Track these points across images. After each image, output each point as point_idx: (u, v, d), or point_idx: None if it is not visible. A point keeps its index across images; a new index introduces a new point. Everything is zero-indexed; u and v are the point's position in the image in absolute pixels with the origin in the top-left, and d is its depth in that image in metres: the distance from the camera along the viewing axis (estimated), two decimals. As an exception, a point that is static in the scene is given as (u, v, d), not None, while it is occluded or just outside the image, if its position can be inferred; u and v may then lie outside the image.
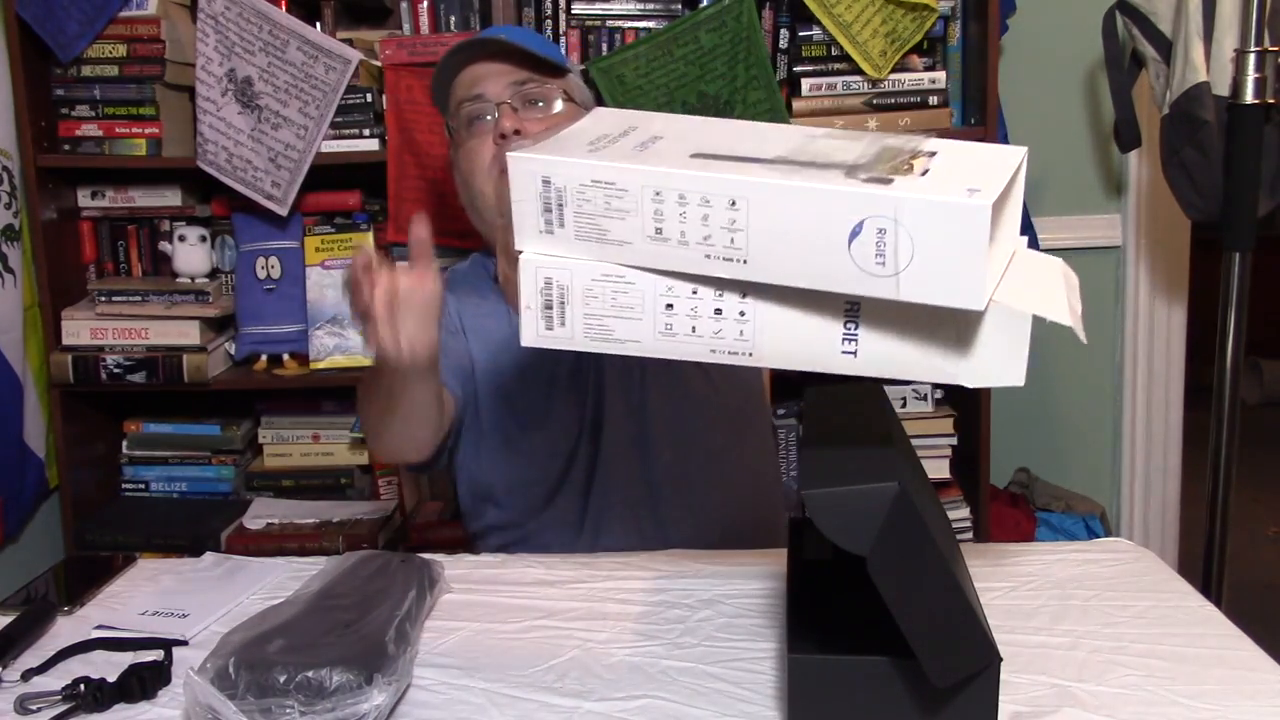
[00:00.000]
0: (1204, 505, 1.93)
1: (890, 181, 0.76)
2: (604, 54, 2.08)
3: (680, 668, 1.02)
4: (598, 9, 2.10)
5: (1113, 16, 2.03)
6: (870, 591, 0.80)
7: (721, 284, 0.83)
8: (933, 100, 2.07)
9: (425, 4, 2.10)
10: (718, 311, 0.84)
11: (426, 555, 1.22)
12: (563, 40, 2.10)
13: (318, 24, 2.13)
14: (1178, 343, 2.45)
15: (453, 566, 1.25)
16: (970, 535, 2.17)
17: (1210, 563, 1.92)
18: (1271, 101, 1.79)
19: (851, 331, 0.83)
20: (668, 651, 1.05)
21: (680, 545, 1.35)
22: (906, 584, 0.79)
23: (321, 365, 2.13)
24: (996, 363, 0.82)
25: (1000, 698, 0.84)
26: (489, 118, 1.40)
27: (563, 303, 0.86)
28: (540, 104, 1.40)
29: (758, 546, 1.32)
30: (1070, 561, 1.22)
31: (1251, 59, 1.78)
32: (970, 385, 0.83)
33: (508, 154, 0.85)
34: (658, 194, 0.80)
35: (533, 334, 0.88)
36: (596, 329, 0.86)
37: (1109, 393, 2.48)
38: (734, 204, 0.78)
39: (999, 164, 0.82)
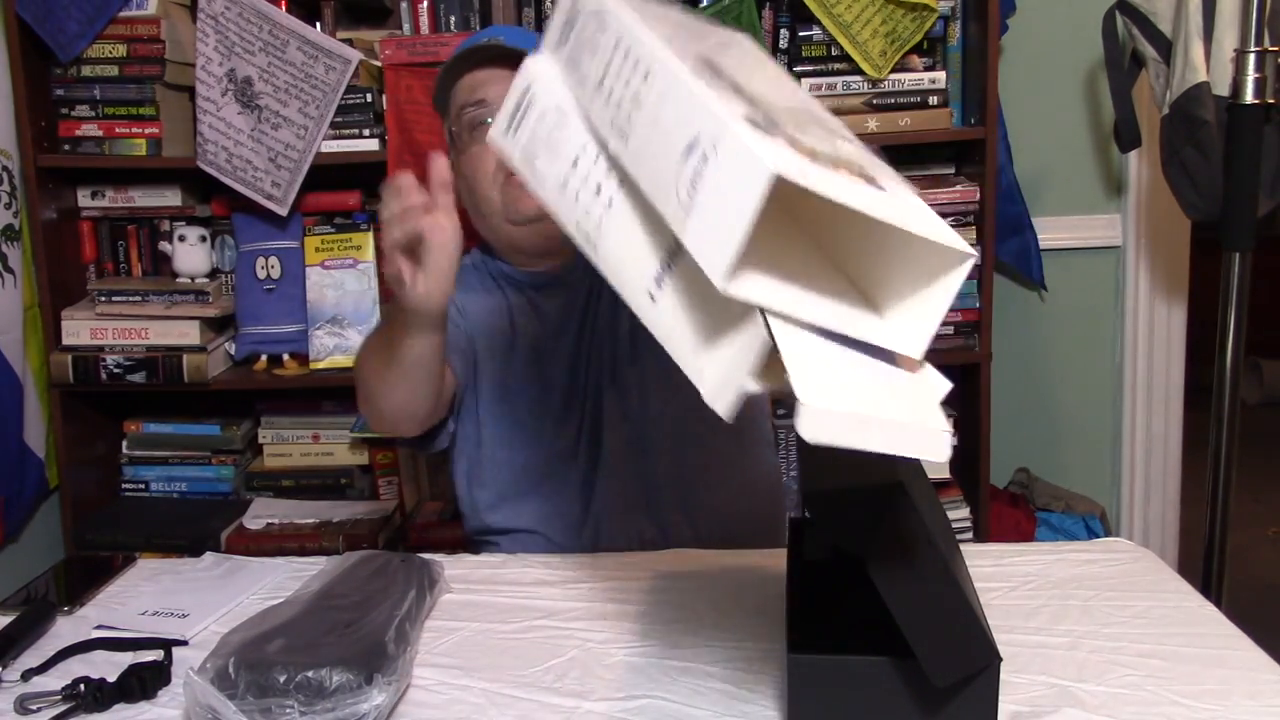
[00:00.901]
0: (1204, 505, 1.93)
1: (775, 134, 0.68)
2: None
3: (680, 667, 1.02)
4: (598, 9, 2.09)
5: (1113, 16, 2.03)
6: (870, 591, 0.80)
7: (614, 165, 0.78)
8: (933, 100, 2.07)
9: (425, 4, 2.10)
10: (597, 189, 0.79)
11: (426, 555, 1.22)
12: (563, 40, 2.10)
13: (318, 24, 2.13)
14: (1178, 343, 2.45)
15: (453, 566, 1.25)
16: (970, 535, 2.17)
17: (1210, 563, 1.92)
18: (1271, 101, 1.79)
19: (660, 275, 0.75)
20: (667, 651, 1.05)
21: (681, 546, 1.35)
22: (906, 584, 0.79)
23: (321, 365, 2.13)
24: (724, 382, 0.71)
25: (1000, 698, 0.84)
26: (490, 121, 1.40)
27: (524, 112, 0.85)
28: None
29: (760, 546, 1.32)
30: (1070, 561, 1.22)
31: (1251, 59, 1.78)
32: (707, 399, 0.71)
33: None
34: (618, 43, 0.76)
35: (497, 130, 0.87)
36: (528, 152, 0.85)
37: (1109, 393, 2.48)
38: (646, 77, 0.73)
39: (917, 223, 0.71)
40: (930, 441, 0.70)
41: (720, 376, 0.71)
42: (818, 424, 0.66)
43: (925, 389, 0.77)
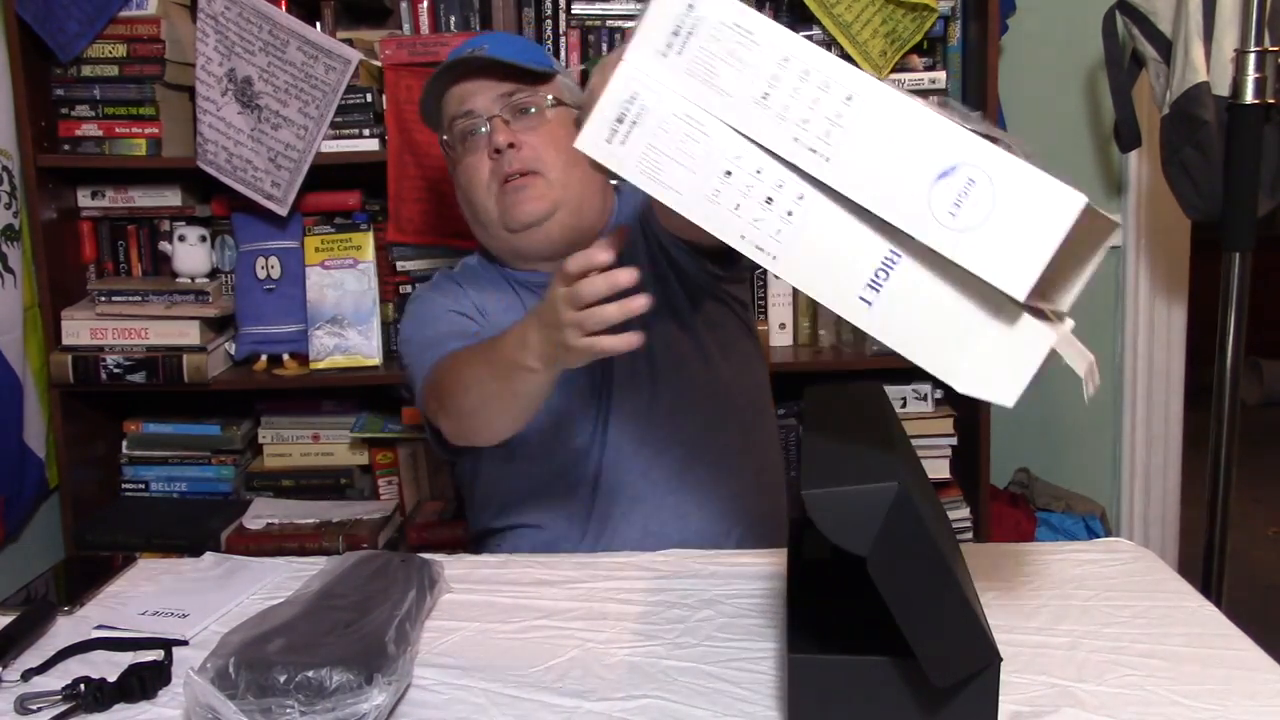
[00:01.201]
0: (1204, 505, 1.93)
1: (998, 142, 0.75)
2: (604, 54, 2.08)
3: (680, 668, 1.02)
4: (598, 9, 2.10)
5: (1113, 16, 2.03)
6: (870, 591, 0.80)
7: (786, 174, 0.80)
8: (933, 100, 2.06)
9: (425, 4, 2.10)
10: (768, 200, 0.81)
11: (426, 555, 1.22)
12: (563, 40, 2.10)
13: (318, 24, 2.13)
14: (1178, 343, 2.45)
15: (453, 566, 1.25)
16: (970, 535, 2.17)
17: (1210, 563, 1.92)
18: (1271, 101, 1.79)
19: (879, 281, 0.79)
20: (668, 651, 1.05)
21: (684, 542, 1.35)
22: (906, 584, 0.80)
23: (321, 365, 2.13)
24: (997, 376, 0.78)
25: (1000, 697, 0.84)
26: (482, 131, 1.40)
27: (634, 122, 0.84)
28: (531, 111, 1.40)
29: (766, 543, 1.32)
30: (1070, 561, 1.22)
31: (1251, 59, 1.78)
32: (961, 389, 0.79)
33: None
34: (785, 59, 0.78)
35: (591, 140, 0.85)
36: (650, 163, 0.84)
37: (1109, 393, 2.48)
38: (850, 99, 0.77)
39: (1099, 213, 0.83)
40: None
41: (985, 371, 0.78)
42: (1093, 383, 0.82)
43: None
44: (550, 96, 1.42)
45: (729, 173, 0.82)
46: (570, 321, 1.04)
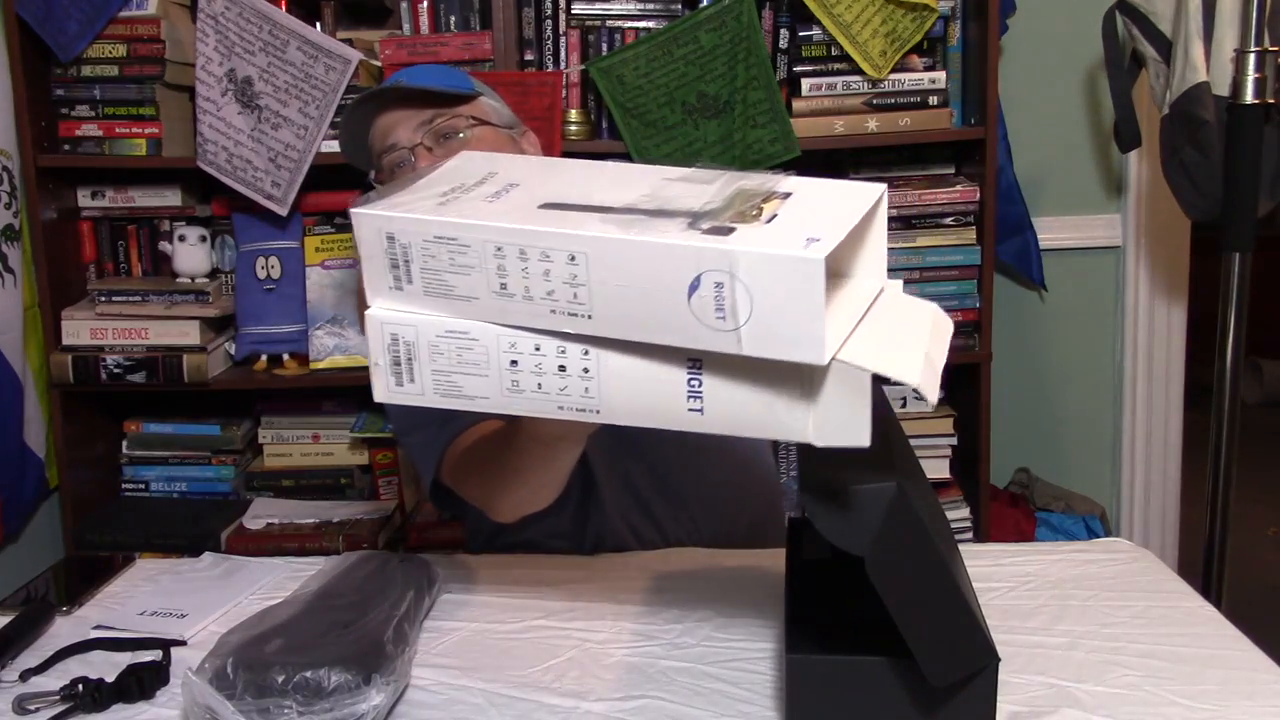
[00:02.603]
0: (1204, 505, 1.93)
1: (732, 230, 0.74)
2: (604, 54, 2.08)
3: (679, 668, 1.02)
4: (598, 9, 2.10)
5: (1113, 16, 2.03)
6: (869, 592, 0.80)
7: (564, 339, 0.81)
8: (933, 100, 2.07)
9: (425, 4, 2.10)
10: (561, 368, 0.81)
11: (426, 555, 1.22)
12: (563, 40, 2.10)
13: (318, 24, 2.13)
14: (1178, 343, 2.45)
15: (452, 566, 1.25)
16: (970, 535, 2.17)
17: (1210, 563, 1.92)
18: (1271, 101, 1.79)
19: (696, 388, 0.80)
20: (666, 651, 1.05)
21: (679, 544, 1.35)
22: (905, 584, 0.79)
23: (321, 365, 2.13)
24: (840, 421, 0.78)
25: (999, 698, 0.84)
26: (409, 162, 1.39)
27: (410, 359, 0.84)
28: (459, 135, 1.37)
29: (756, 545, 1.32)
30: (1069, 562, 1.22)
31: (1251, 59, 1.78)
32: (819, 444, 0.79)
33: (351, 210, 0.83)
34: (499, 249, 0.78)
35: (383, 390, 0.86)
36: (445, 385, 0.84)
37: (1109, 393, 2.48)
38: (573, 259, 0.76)
39: (852, 205, 0.78)
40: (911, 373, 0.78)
41: (832, 421, 0.78)
42: (932, 384, 0.77)
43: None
44: (470, 117, 1.41)
45: (514, 362, 0.82)
46: None
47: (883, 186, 0.82)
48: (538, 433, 1.06)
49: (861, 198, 0.80)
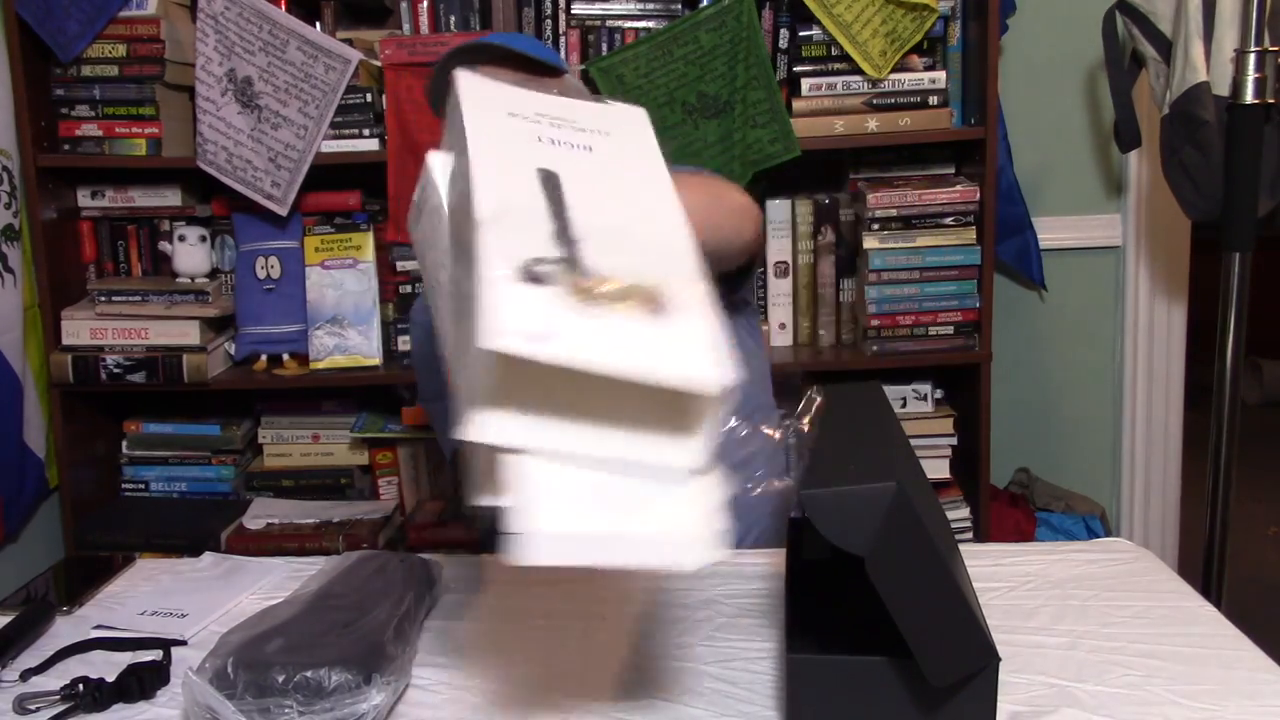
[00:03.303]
0: (1204, 505, 1.93)
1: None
2: (604, 54, 2.08)
3: (679, 668, 1.02)
4: (598, 9, 2.10)
5: (1113, 16, 2.03)
6: (869, 591, 0.80)
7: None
8: (933, 100, 2.07)
9: (425, 4, 2.10)
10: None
11: (426, 555, 1.22)
12: (563, 40, 2.10)
13: (318, 24, 2.13)
14: (1178, 343, 2.45)
15: (452, 566, 1.25)
16: (970, 535, 2.17)
17: (1210, 563, 1.92)
18: (1271, 101, 1.79)
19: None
20: (666, 651, 1.05)
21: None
22: (905, 584, 0.79)
23: (321, 365, 2.13)
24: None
25: (999, 697, 0.84)
26: None
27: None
28: None
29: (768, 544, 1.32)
30: (1070, 562, 1.22)
31: (1251, 59, 1.78)
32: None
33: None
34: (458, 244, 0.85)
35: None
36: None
37: (1109, 393, 2.48)
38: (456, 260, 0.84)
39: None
40: (680, 551, 0.78)
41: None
42: (532, 549, 0.78)
43: (700, 498, 0.79)
44: (556, 90, 1.43)
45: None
46: None
47: (719, 392, 0.73)
48: None
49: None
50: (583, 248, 0.76)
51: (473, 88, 0.91)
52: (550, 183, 0.81)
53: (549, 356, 0.69)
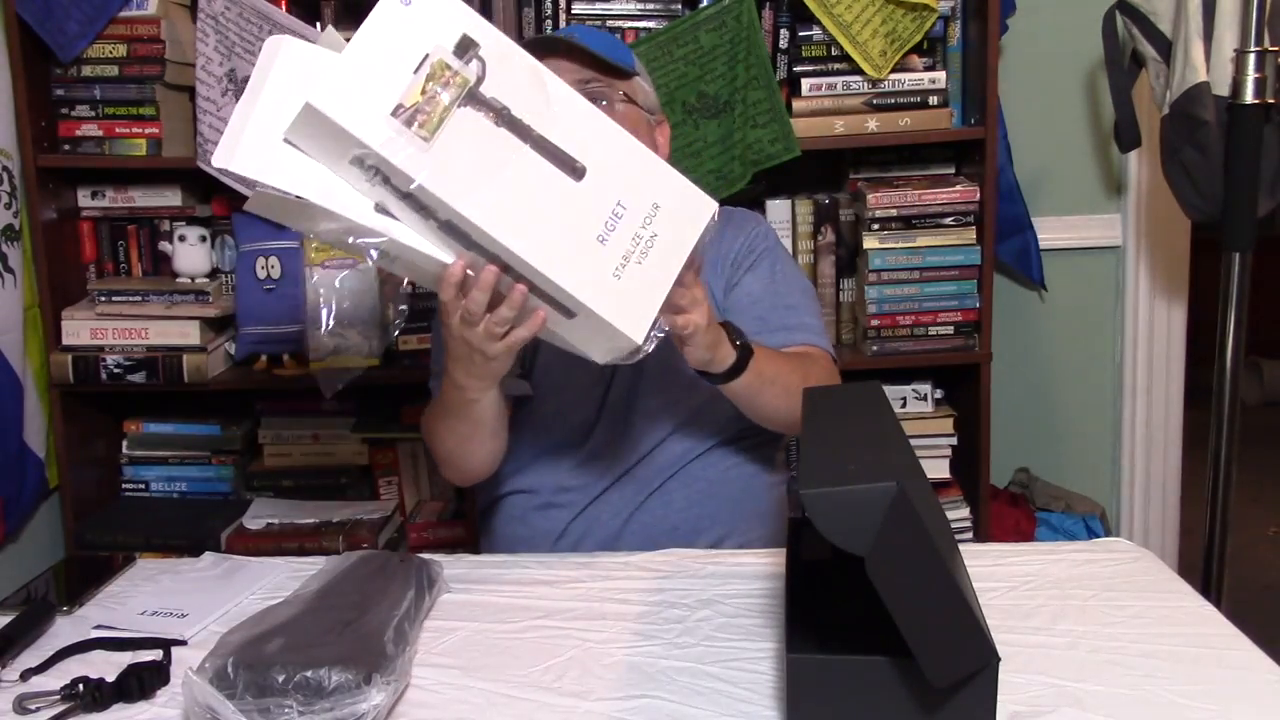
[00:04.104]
0: (1204, 505, 1.93)
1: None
2: (604, 54, 2.07)
3: (679, 667, 1.02)
4: (598, 9, 2.10)
5: (1113, 16, 2.03)
6: (869, 591, 0.80)
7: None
8: (933, 100, 2.07)
9: (425, 4, 2.10)
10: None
11: (426, 555, 1.22)
12: (563, 40, 2.10)
13: (318, 24, 2.13)
14: (1178, 343, 2.45)
15: (452, 566, 1.25)
16: (970, 535, 2.17)
17: (1210, 563, 1.92)
18: (1271, 101, 1.79)
19: None
20: (666, 651, 1.05)
21: (675, 526, 1.41)
22: (905, 584, 0.80)
23: (322, 365, 2.13)
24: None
25: (999, 697, 0.84)
26: None
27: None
28: (602, 103, 1.41)
29: (758, 544, 1.32)
30: (1069, 561, 1.22)
31: (1251, 59, 1.78)
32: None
33: None
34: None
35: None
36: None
37: (1109, 393, 2.48)
38: None
39: None
40: None
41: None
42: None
43: None
44: (623, 92, 1.44)
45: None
46: (479, 338, 1.11)
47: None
48: (459, 397, 1.26)
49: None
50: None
51: None
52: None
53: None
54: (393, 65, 0.97)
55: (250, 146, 1.04)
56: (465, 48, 0.97)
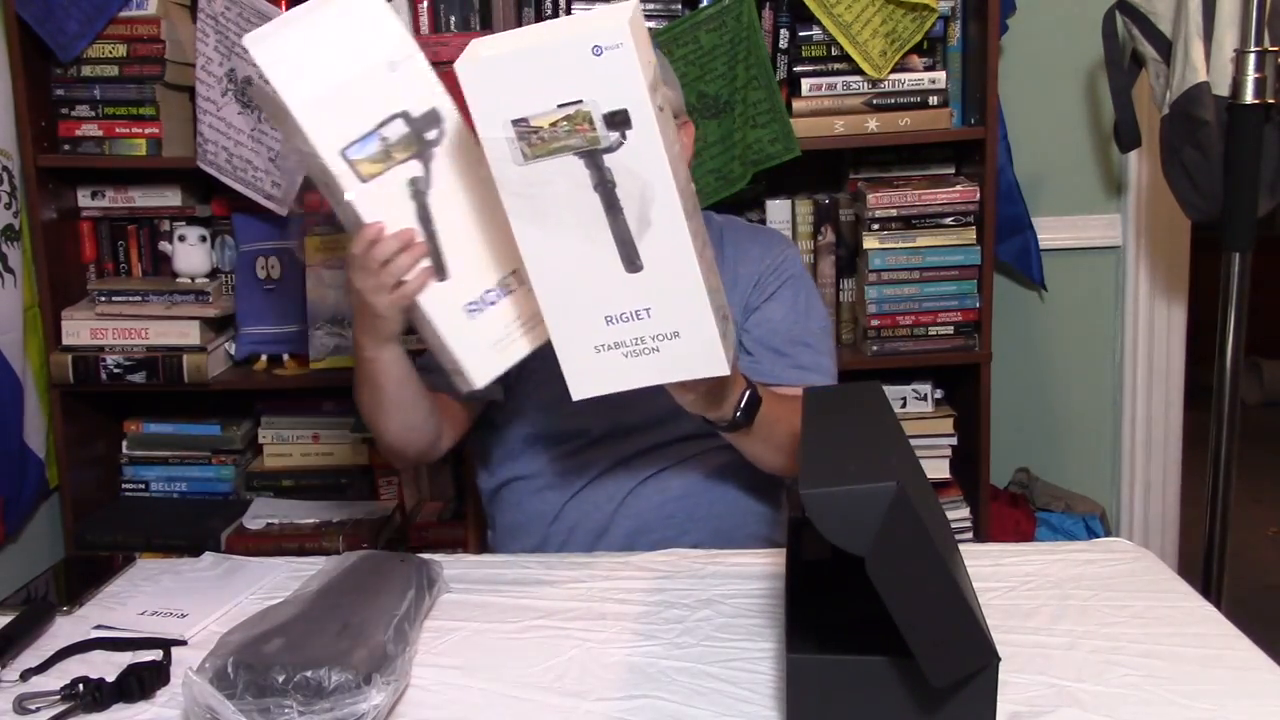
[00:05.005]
0: (1204, 505, 1.93)
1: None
2: (604, 54, 2.07)
3: (679, 668, 1.02)
4: (597, 9, 2.09)
5: (1113, 16, 2.03)
6: (869, 591, 0.80)
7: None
8: (933, 100, 2.07)
9: (425, 4, 2.10)
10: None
11: (426, 555, 1.22)
12: (562, 40, 2.10)
13: (318, 24, 2.13)
14: (1178, 343, 2.45)
15: (452, 566, 1.25)
16: (970, 535, 2.17)
17: (1210, 563, 1.92)
18: (1271, 101, 1.79)
19: None
20: (666, 651, 1.05)
21: (670, 515, 1.42)
22: (905, 584, 0.80)
23: (321, 365, 2.13)
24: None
25: (999, 697, 0.84)
26: None
27: None
28: None
29: (755, 543, 1.33)
30: (1069, 561, 1.22)
31: (1251, 59, 1.78)
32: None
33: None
34: None
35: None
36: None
37: (1109, 393, 2.48)
38: None
39: None
40: None
41: None
42: None
43: None
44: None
45: None
46: (371, 288, 1.15)
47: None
48: (360, 357, 1.31)
49: None
50: None
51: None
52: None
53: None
54: (549, 87, 0.97)
55: (282, 45, 1.05)
56: (618, 122, 0.97)
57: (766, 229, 1.62)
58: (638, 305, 1.05)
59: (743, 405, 1.28)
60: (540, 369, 1.48)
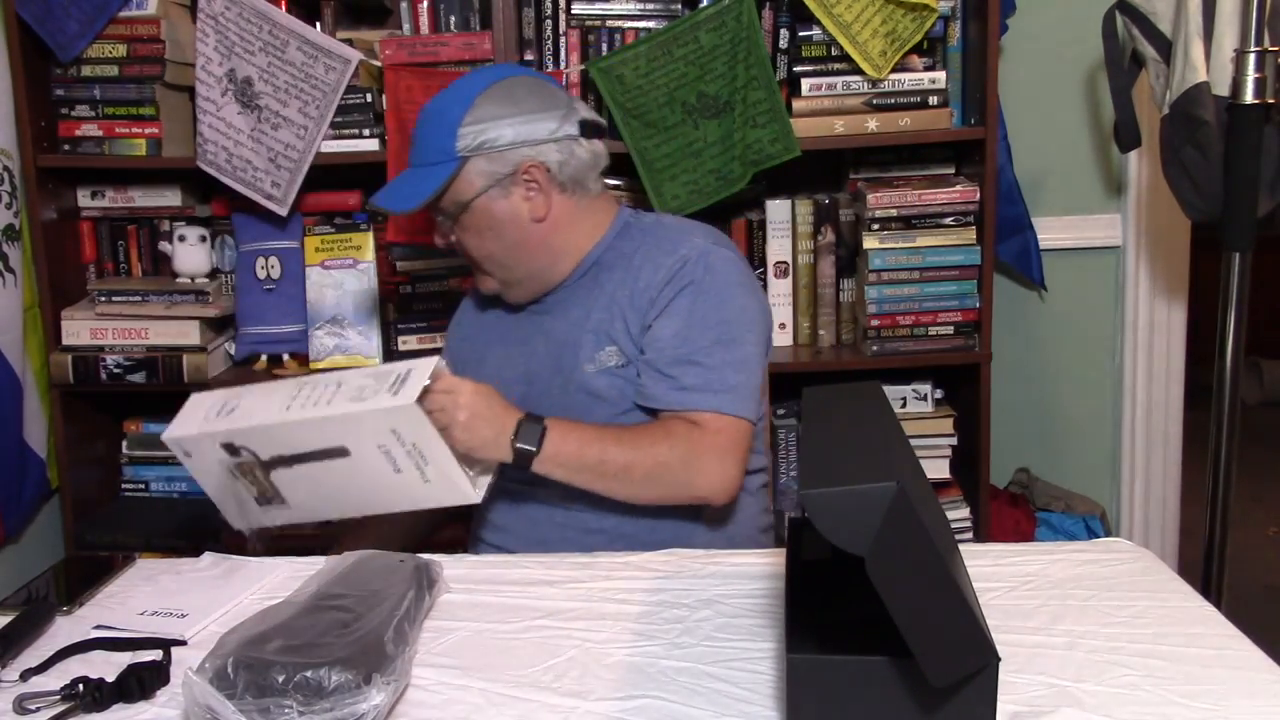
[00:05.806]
0: (1204, 505, 1.93)
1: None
2: (604, 54, 2.08)
3: (679, 668, 1.02)
4: (598, 9, 2.10)
5: (1113, 16, 2.03)
6: (869, 591, 0.80)
7: None
8: (933, 100, 2.07)
9: (425, 4, 2.10)
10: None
11: (426, 555, 1.22)
12: (563, 40, 2.10)
13: (318, 24, 2.13)
14: (1178, 343, 2.45)
15: (452, 566, 1.25)
16: (970, 535, 2.17)
17: (1210, 563, 1.92)
18: (1271, 101, 1.79)
19: None
20: (666, 651, 1.05)
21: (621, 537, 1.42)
22: (905, 584, 0.79)
23: (321, 365, 2.13)
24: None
25: (999, 698, 0.84)
26: (440, 218, 1.52)
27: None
28: (449, 220, 1.49)
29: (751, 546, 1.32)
30: (1069, 562, 1.22)
31: (1251, 59, 1.78)
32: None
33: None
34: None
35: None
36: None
37: (1109, 393, 2.48)
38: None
39: None
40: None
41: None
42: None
43: None
44: (454, 204, 1.47)
45: None
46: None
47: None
48: None
49: None
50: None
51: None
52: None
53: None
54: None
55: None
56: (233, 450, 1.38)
57: (686, 228, 1.52)
58: (382, 446, 1.28)
59: (517, 436, 1.32)
60: (464, 370, 1.50)
